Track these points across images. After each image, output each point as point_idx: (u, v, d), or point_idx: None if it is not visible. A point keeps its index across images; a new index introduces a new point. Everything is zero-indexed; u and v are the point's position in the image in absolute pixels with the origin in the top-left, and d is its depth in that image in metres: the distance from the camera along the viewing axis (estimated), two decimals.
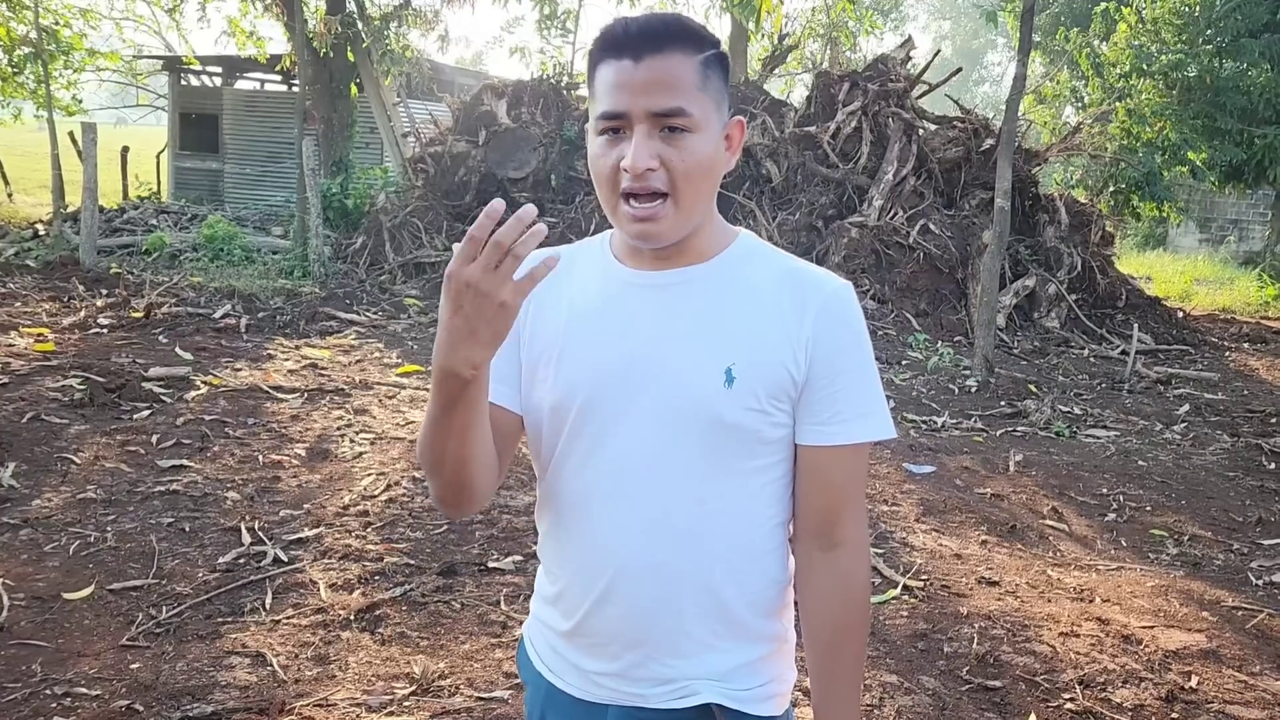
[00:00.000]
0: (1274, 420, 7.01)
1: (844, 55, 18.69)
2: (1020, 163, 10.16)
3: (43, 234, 11.94)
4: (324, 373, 6.63)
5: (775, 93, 14.54)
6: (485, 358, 1.08)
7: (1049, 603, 3.75)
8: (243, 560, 3.75)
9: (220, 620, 3.29)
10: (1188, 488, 5.38)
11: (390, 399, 6.10)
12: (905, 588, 3.79)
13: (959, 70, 12.93)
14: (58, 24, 14.64)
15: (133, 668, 2.96)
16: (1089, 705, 3.03)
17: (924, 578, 3.90)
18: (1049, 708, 3.02)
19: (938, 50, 12.75)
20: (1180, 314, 11.47)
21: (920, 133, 10.86)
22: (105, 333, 7.33)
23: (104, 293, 8.77)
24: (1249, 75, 13.34)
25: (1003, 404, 6.99)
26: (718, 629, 1.26)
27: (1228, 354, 9.84)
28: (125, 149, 16.86)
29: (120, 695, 2.80)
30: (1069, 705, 3.03)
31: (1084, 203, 11.63)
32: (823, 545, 1.27)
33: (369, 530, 4.07)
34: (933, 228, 10.18)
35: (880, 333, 9.05)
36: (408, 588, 3.57)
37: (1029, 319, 9.98)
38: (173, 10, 16.90)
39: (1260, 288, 14.07)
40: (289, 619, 3.32)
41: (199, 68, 18.37)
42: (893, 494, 4.89)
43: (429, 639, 3.25)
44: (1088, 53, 14.83)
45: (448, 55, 30.47)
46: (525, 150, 10.95)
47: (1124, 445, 6.13)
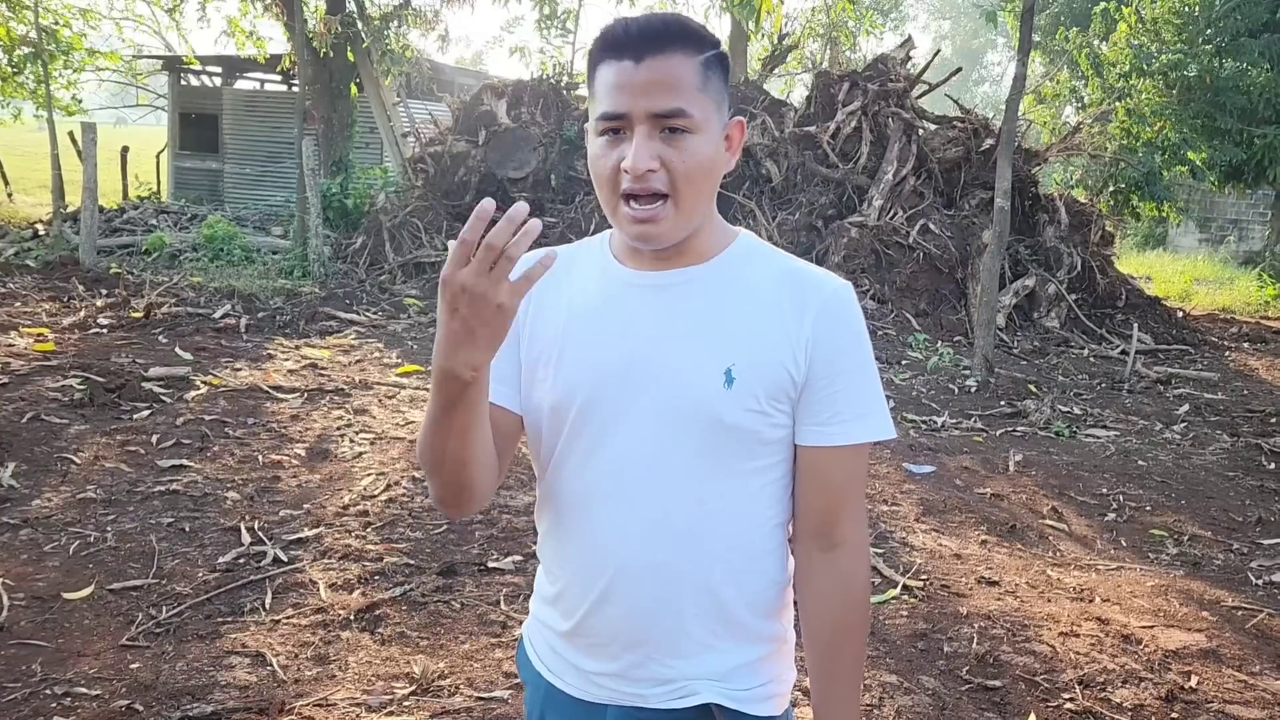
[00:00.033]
0: (1274, 420, 7.01)
1: (844, 55, 18.71)
2: (1020, 163, 10.17)
3: (42, 234, 11.94)
4: (324, 373, 6.63)
5: (775, 93, 14.54)
6: (485, 359, 1.08)
7: (1049, 602, 3.75)
8: (243, 560, 3.75)
9: (220, 620, 3.29)
10: (1187, 487, 5.38)
11: (390, 399, 6.10)
12: (905, 587, 3.79)
13: (959, 70, 12.94)
14: (57, 24, 14.63)
15: (133, 668, 2.96)
16: (1089, 705, 3.03)
17: (924, 577, 3.90)
18: (1049, 707, 3.03)
19: (937, 50, 12.75)
20: (1180, 314, 11.47)
21: (920, 133, 10.86)
22: (105, 333, 7.33)
23: (104, 293, 8.77)
24: (1249, 75, 13.33)
25: (1002, 404, 6.99)
26: (717, 629, 1.26)
27: (1227, 354, 9.84)
28: (125, 149, 16.86)
29: (120, 695, 2.81)
30: (1069, 705, 3.03)
31: (1084, 203, 11.63)
32: (822, 546, 1.27)
33: (369, 530, 4.07)
34: (932, 228, 10.18)
35: (880, 333, 9.05)
36: (407, 588, 3.57)
37: (1029, 319, 9.98)
38: (173, 10, 16.90)
39: (1260, 287, 14.07)
40: (289, 619, 3.32)
41: (199, 68, 18.36)
42: (892, 494, 4.89)
43: (429, 639, 3.25)
44: (1087, 52, 14.83)
45: (448, 55, 30.50)
46: (525, 150, 10.96)
47: (1124, 445, 6.13)
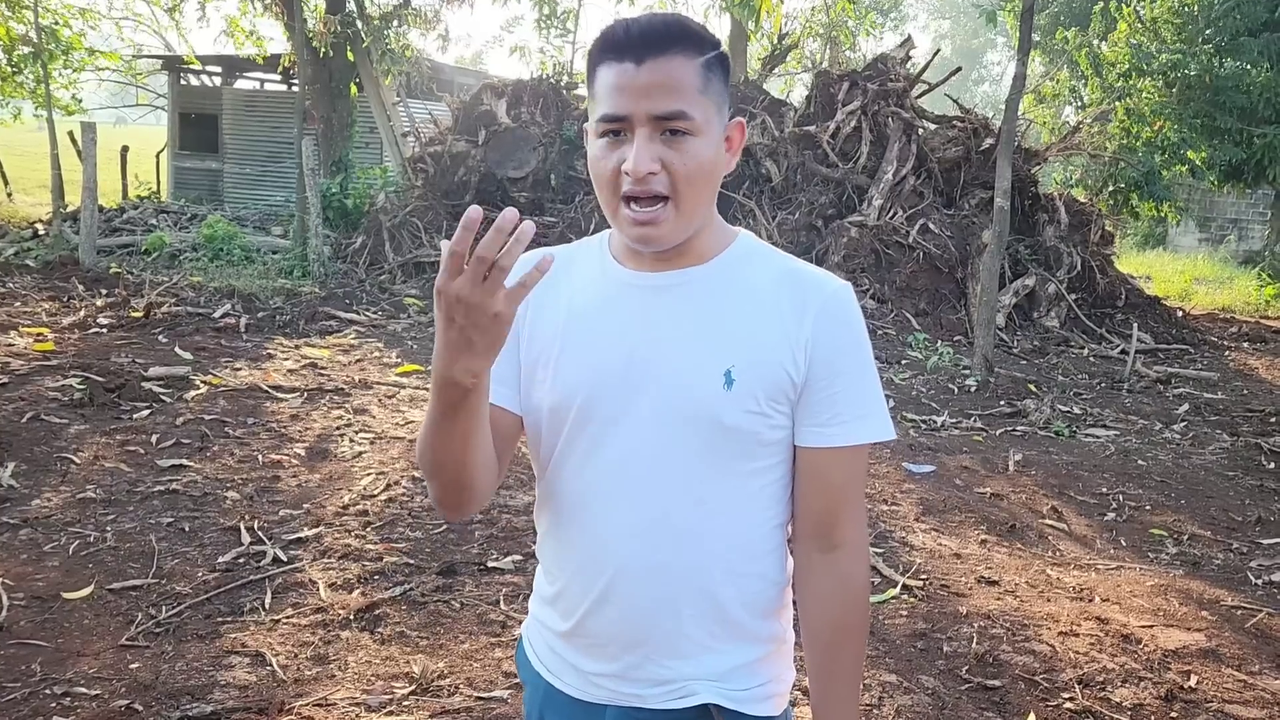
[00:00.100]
0: (1273, 420, 7.01)
1: (843, 55, 18.71)
2: (1020, 162, 10.17)
3: (42, 234, 11.94)
4: (324, 372, 6.63)
5: (775, 92, 14.55)
6: (485, 366, 1.07)
7: (1048, 602, 3.75)
8: (242, 560, 3.75)
9: (220, 620, 3.29)
10: (1187, 487, 5.38)
11: (390, 398, 6.10)
12: (905, 587, 3.79)
13: (958, 70, 12.93)
14: (57, 24, 14.60)
15: (132, 667, 2.96)
16: (1088, 704, 3.03)
17: (923, 577, 3.91)
18: (1048, 707, 3.03)
19: (937, 50, 12.75)
20: (1180, 313, 11.47)
21: (920, 132, 10.86)
22: (105, 332, 7.33)
23: (104, 292, 8.77)
24: (1248, 74, 13.32)
25: (1002, 403, 6.99)
26: (716, 630, 1.26)
27: (1227, 353, 9.84)
28: (125, 149, 16.85)
29: (120, 695, 2.81)
30: (1068, 704, 3.03)
31: (1084, 202, 11.63)
32: (822, 547, 1.27)
33: (368, 530, 4.07)
34: (932, 227, 10.18)
35: (880, 332, 9.05)
36: (407, 587, 3.57)
37: (1029, 318, 9.98)
38: (172, 10, 16.86)
39: (1260, 287, 14.07)
40: (288, 619, 3.32)
41: (199, 67, 18.35)
42: (892, 494, 4.90)
43: (428, 639, 3.25)
44: (1087, 52, 14.83)
45: (447, 55, 30.48)
46: (525, 150, 10.95)
47: (1123, 445, 6.13)
